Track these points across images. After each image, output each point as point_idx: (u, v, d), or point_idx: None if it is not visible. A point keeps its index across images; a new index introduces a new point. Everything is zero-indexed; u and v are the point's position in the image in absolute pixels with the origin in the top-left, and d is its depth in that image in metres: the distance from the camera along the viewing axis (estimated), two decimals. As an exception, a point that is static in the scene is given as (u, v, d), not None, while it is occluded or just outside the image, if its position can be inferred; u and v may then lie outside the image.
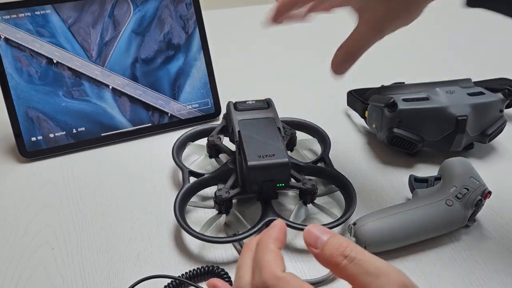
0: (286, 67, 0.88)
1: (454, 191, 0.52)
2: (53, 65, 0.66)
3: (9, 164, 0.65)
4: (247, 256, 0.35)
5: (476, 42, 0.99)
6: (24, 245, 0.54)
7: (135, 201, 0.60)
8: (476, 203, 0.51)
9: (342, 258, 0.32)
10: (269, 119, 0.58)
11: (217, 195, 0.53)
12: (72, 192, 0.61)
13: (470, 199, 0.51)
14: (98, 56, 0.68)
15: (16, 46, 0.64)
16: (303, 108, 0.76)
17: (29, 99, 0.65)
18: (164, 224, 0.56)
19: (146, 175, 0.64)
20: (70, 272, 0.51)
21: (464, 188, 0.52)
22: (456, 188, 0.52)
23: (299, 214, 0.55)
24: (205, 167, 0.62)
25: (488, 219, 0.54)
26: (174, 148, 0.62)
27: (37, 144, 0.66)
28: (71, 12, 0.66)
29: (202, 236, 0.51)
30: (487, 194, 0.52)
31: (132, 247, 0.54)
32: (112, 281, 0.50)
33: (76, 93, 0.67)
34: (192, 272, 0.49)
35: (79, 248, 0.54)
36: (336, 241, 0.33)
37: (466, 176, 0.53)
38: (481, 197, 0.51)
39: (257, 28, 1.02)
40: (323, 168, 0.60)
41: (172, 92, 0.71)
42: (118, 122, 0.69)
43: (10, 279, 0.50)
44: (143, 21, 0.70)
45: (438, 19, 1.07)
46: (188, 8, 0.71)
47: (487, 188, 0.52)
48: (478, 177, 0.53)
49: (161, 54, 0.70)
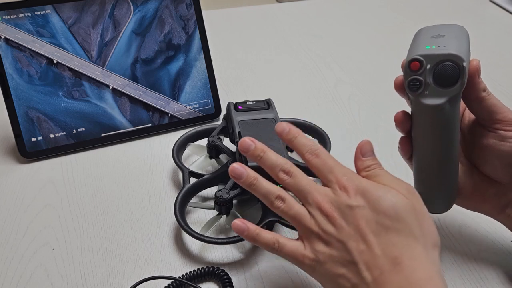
0: (286, 67, 0.88)
1: None
2: (53, 65, 0.66)
3: (9, 164, 0.65)
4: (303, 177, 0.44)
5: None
6: (24, 245, 0.54)
7: (135, 201, 0.60)
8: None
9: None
10: (270, 119, 0.58)
11: (218, 195, 0.53)
12: (72, 192, 0.61)
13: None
14: (98, 57, 0.68)
15: (16, 46, 0.64)
16: (303, 109, 0.77)
17: (29, 100, 0.65)
18: (164, 225, 0.56)
19: (146, 175, 0.64)
20: (70, 272, 0.51)
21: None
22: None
23: (299, 215, 0.55)
24: (205, 167, 0.62)
25: (487, 219, 0.54)
26: (174, 148, 0.62)
27: (37, 145, 0.66)
28: (71, 12, 0.66)
29: (202, 237, 0.51)
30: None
31: (133, 248, 0.54)
32: (113, 282, 0.50)
33: (76, 94, 0.67)
34: (193, 273, 0.50)
35: (80, 248, 0.54)
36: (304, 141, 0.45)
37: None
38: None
39: (257, 28, 1.02)
40: (323, 168, 0.60)
41: (172, 93, 0.71)
42: (118, 123, 0.69)
43: (11, 279, 0.50)
44: (143, 21, 0.69)
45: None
46: (188, 9, 0.71)
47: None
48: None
49: (161, 54, 0.70)
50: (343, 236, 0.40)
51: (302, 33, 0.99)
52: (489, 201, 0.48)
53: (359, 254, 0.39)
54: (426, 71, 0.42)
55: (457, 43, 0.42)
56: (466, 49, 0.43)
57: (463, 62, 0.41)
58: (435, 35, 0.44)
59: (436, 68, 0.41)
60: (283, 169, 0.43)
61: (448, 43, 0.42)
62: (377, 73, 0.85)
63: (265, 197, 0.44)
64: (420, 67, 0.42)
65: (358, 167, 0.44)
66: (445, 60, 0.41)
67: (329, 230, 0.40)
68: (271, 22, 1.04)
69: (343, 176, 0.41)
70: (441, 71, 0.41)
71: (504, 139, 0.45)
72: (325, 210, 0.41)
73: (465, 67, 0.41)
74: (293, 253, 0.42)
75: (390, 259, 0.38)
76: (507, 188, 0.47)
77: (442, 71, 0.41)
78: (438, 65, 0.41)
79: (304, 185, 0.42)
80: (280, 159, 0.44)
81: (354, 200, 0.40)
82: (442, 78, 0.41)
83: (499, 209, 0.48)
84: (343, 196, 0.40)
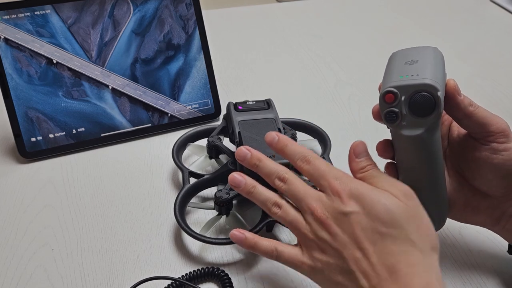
0: (286, 67, 0.88)
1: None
2: (52, 65, 0.66)
3: (9, 164, 0.65)
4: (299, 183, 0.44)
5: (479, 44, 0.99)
6: (24, 245, 0.54)
7: (135, 202, 0.60)
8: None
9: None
10: (269, 119, 0.58)
11: (217, 196, 0.53)
12: (72, 192, 0.61)
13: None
14: (98, 56, 0.68)
15: (16, 46, 0.64)
16: (303, 109, 0.76)
17: (29, 100, 0.65)
18: (164, 225, 0.56)
19: (146, 175, 0.64)
20: (70, 273, 0.51)
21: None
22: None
23: (299, 215, 0.55)
24: (205, 167, 0.62)
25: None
26: (174, 148, 0.62)
27: (37, 145, 0.66)
28: (71, 12, 0.66)
29: (202, 237, 0.51)
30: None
31: (132, 249, 0.54)
32: (112, 282, 0.50)
33: (76, 94, 0.67)
34: (192, 273, 0.49)
35: (79, 249, 0.54)
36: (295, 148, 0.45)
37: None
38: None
39: (257, 28, 1.02)
40: (323, 169, 0.60)
41: (172, 93, 0.71)
42: (118, 123, 0.69)
43: (10, 279, 0.50)
44: (143, 21, 0.69)
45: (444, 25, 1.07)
46: (188, 8, 0.71)
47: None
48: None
49: (161, 54, 0.70)
50: (338, 244, 0.39)
51: (302, 33, 0.99)
52: (482, 214, 0.47)
53: (355, 262, 0.38)
54: (401, 103, 0.41)
55: (431, 70, 0.41)
56: (441, 74, 0.42)
57: (437, 91, 0.40)
58: (408, 61, 0.42)
59: (411, 99, 0.40)
60: (278, 176, 0.44)
61: (421, 71, 0.41)
62: (377, 73, 0.85)
63: (263, 204, 0.44)
64: (395, 99, 0.41)
65: (353, 168, 0.43)
66: (419, 91, 0.40)
67: (324, 237, 0.40)
68: (271, 22, 1.04)
69: (336, 180, 0.41)
70: (416, 101, 0.40)
71: (497, 152, 0.43)
72: (319, 217, 0.40)
73: (440, 96, 0.40)
74: (292, 260, 0.42)
75: (387, 267, 0.37)
76: (499, 200, 0.46)
77: (417, 101, 0.40)
78: (413, 96, 0.40)
79: (298, 192, 0.42)
80: (275, 167, 0.44)
81: (348, 206, 0.39)
82: (418, 108, 0.40)
83: (493, 221, 0.47)
84: (337, 202, 0.40)
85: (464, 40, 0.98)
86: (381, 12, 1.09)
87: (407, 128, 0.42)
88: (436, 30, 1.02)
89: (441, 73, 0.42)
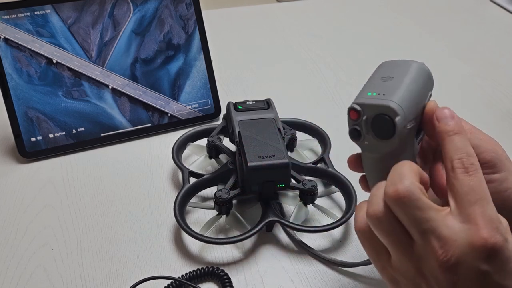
0: (286, 67, 0.88)
1: None
2: (52, 65, 0.66)
3: (9, 164, 0.65)
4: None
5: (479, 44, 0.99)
6: (24, 245, 0.54)
7: (135, 201, 0.60)
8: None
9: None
10: (269, 119, 0.58)
11: (217, 195, 0.53)
12: (72, 192, 0.61)
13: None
14: (98, 56, 0.68)
15: (15, 46, 0.64)
16: (304, 109, 0.76)
17: (29, 100, 0.65)
18: (164, 225, 0.56)
19: (146, 175, 0.64)
20: (70, 273, 0.51)
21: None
22: None
23: (299, 215, 0.55)
24: (205, 167, 0.62)
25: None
26: (174, 148, 0.62)
27: (36, 145, 0.66)
28: (70, 12, 0.66)
29: (202, 237, 0.51)
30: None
31: (132, 248, 0.54)
32: (112, 282, 0.50)
33: (76, 93, 0.67)
34: (192, 273, 0.49)
35: (79, 249, 0.54)
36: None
37: None
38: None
39: (257, 28, 1.02)
40: (323, 168, 0.60)
41: (172, 92, 0.71)
42: (118, 123, 0.69)
43: (10, 279, 0.50)
44: (143, 21, 0.69)
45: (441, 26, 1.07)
46: (188, 8, 0.71)
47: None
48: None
49: (161, 54, 0.70)
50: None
51: (302, 33, 0.99)
52: None
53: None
54: (363, 122, 0.39)
55: (401, 91, 0.38)
56: (413, 96, 0.38)
57: (396, 116, 0.37)
58: (384, 77, 0.39)
59: (373, 120, 0.38)
60: (463, 162, 0.34)
61: (390, 91, 0.38)
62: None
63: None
64: (358, 117, 0.39)
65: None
66: (380, 113, 0.37)
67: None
68: (271, 22, 1.04)
69: (492, 224, 0.32)
70: (377, 123, 0.38)
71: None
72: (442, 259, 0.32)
73: (398, 123, 0.37)
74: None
75: None
76: None
77: (378, 123, 0.38)
78: (375, 117, 0.38)
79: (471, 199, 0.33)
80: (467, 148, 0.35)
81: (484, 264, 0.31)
82: (379, 130, 0.38)
83: None
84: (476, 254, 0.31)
85: (464, 40, 0.98)
86: (381, 12, 1.09)
87: (369, 148, 0.40)
88: (436, 30, 1.02)
89: (414, 95, 0.38)
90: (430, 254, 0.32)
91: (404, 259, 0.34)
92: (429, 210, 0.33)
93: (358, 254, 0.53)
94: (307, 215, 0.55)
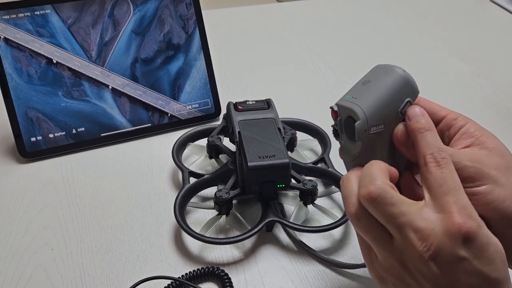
0: (286, 67, 0.88)
1: None
2: (52, 65, 0.66)
3: (9, 164, 0.65)
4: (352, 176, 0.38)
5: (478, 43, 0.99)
6: (24, 245, 0.54)
7: (135, 201, 0.60)
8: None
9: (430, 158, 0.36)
10: (269, 119, 0.58)
11: (217, 195, 0.53)
12: (72, 192, 0.61)
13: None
14: (98, 56, 0.68)
15: (15, 46, 0.64)
16: (304, 109, 0.76)
17: (29, 100, 0.65)
18: (164, 225, 0.56)
19: (146, 175, 0.63)
20: (70, 273, 0.51)
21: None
22: None
23: (299, 215, 0.55)
24: (205, 167, 0.62)
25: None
26: (174, 148, 0.62)
27: (36, 145, 0.66)
28: (70, 12, 0.66)
29: (202, 237, 0.51)
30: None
31: (132, 248, 0.54)
32: (112, 282, 0.50)
33: (76, 93, 0.67)
34: (192, 273, 0.49)
35: (79, 249, 0.54)
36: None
37: None
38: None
39: (257, 28, 1.02)
40: (324, 168, 0.60)
41: (172, 92, 0.71)
42: (118, 122, 0.69)
43: (10, 279, 0.50)
44: (143, 21, 0.69)
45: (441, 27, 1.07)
46: (188, 8, 0.71)
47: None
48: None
49: (161, 54, 0.70)
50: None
51: (302, 33, 0.99)
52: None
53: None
54: (338, 122, 0.41)
55: (371, 97, 0.39)
56: (380, 102, 0.39)
57: (357, 120, 0.38)
58: (366, 80, 0.41)
59: (345, 121, 0.40)
60: (435, 157, 0.36)
61: (362, 95, 0.40)
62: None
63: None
64: (336, 117, 0.41)
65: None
66: (349, 115, 0.40)
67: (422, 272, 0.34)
68: (271, 22, 1.04)
69: (464, 210, 0.33)
70: (347, 125, 0.40)
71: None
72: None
73: (357, 127, 0.38)
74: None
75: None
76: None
77: (348, 125, 0.40)
78: (346, 119, 0.40)
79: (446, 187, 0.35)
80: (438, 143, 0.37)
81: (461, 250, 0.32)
82: (349, 132, 0.40)
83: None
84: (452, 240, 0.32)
85: (464, 40, 0.98)
86: (381, 12, 1.09)
87: (343, 148, 0.42)
88: (436, 30, 1.02)
89: (383, 101, 0.39)
90: (410, 247, 0.33)
91: (387, 255, 0.35)
92: (402, 205, 0.34)
93: (358, 255, 0.53)
94: (307, 215, 0.55)
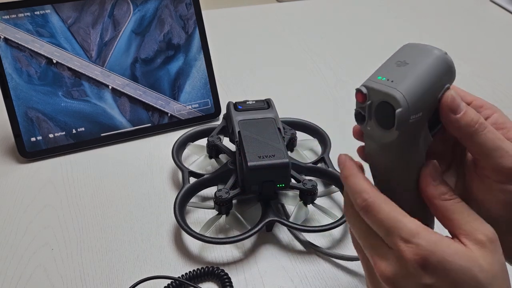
0: (286, 67, 0.88)
1: None
2: (52, 65, 0.66)
3: (9, 164, 0.65)
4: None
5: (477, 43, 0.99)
6: (24, 245, 0.54)
7: (135, 201, 0.60)
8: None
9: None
10: (269, 119, 0.58)
11: (217, 195, 0.53)
12: (72, 192, 0.61)
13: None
14: (98, 56, 0.68)
15: (15, 46, 0.64)
16: (304, 109, 0.76)
17: (29, 100, 0.65)
18: (164, 225, 0.56)
19: (146, 175, 0.63)
20: (70, 273, 0.51)
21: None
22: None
23: (299, 215, 0.55)
24: (205, 167, 0.62)
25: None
26: (174, 148, 0.62)
27: (36, 145, 0.66)
28: (70, 12, 0.66)
29: (202, 237, 0.51)
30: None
31: (132, 248, 0.54)
32: (112, 282, 0.50)
33: (76, 93, 0.67)
34: (192, 273, 0.49)
35: (79, 249, 0.54)
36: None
37: None
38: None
39: (257, 28, 1.02)
40: (324, 168, 0.60)
41: (172, 92, 0.71)
42: (118, 122, 0.69)
43: (10, 279, 0.50)
44: (143, 21, 0.69)
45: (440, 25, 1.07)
46: (188, 8, 0.71)
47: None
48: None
49: (161, 54, 0.70)
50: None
51: (302, 33, 0.99)
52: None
53: None
54: (367, 106, 0.36)
55: (411, 81, 0.35)
56: (422, 88, 0.35)
57: (398, 108, 0.34)
58: (400, 61, 0.36)
59: (377, 106, 0.36)
60: (357, 203, 0.36)
61: (400, 78, 0.35)
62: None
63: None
64: (364, 101, 0.36)
65: (430, 193, 0.36)
66: (385, 100, 0.35)
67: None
68: (271, 22, 1.04)
69: (405, 243, 0.33)
70: (380, 111, 0.35)
71: (506, 193, 0.35)
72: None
73: (398, 115, 0.34)
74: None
75: None
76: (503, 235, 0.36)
77: (381, 111, 0.35)
78: (379, 104, 0.35)
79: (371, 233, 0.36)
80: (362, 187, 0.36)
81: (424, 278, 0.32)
82: (381, 118, 0.36)
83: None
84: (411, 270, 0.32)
85: (464, 40, 0.98)
86: (381, 12, 1.09)
87: (370, 135, 0.38)
88: (436, 30, 1.02)
89: (425, 87, 0.35)
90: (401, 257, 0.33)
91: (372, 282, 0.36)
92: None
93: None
94: (307, 215, 0.55)
